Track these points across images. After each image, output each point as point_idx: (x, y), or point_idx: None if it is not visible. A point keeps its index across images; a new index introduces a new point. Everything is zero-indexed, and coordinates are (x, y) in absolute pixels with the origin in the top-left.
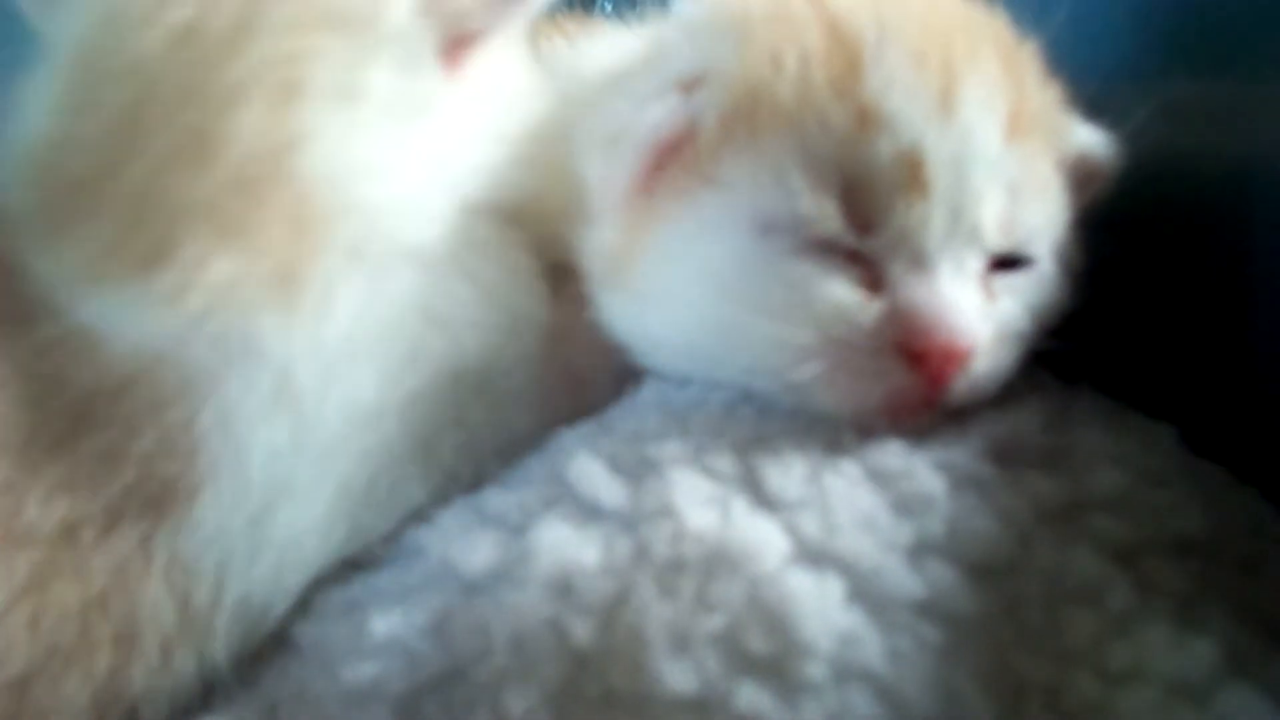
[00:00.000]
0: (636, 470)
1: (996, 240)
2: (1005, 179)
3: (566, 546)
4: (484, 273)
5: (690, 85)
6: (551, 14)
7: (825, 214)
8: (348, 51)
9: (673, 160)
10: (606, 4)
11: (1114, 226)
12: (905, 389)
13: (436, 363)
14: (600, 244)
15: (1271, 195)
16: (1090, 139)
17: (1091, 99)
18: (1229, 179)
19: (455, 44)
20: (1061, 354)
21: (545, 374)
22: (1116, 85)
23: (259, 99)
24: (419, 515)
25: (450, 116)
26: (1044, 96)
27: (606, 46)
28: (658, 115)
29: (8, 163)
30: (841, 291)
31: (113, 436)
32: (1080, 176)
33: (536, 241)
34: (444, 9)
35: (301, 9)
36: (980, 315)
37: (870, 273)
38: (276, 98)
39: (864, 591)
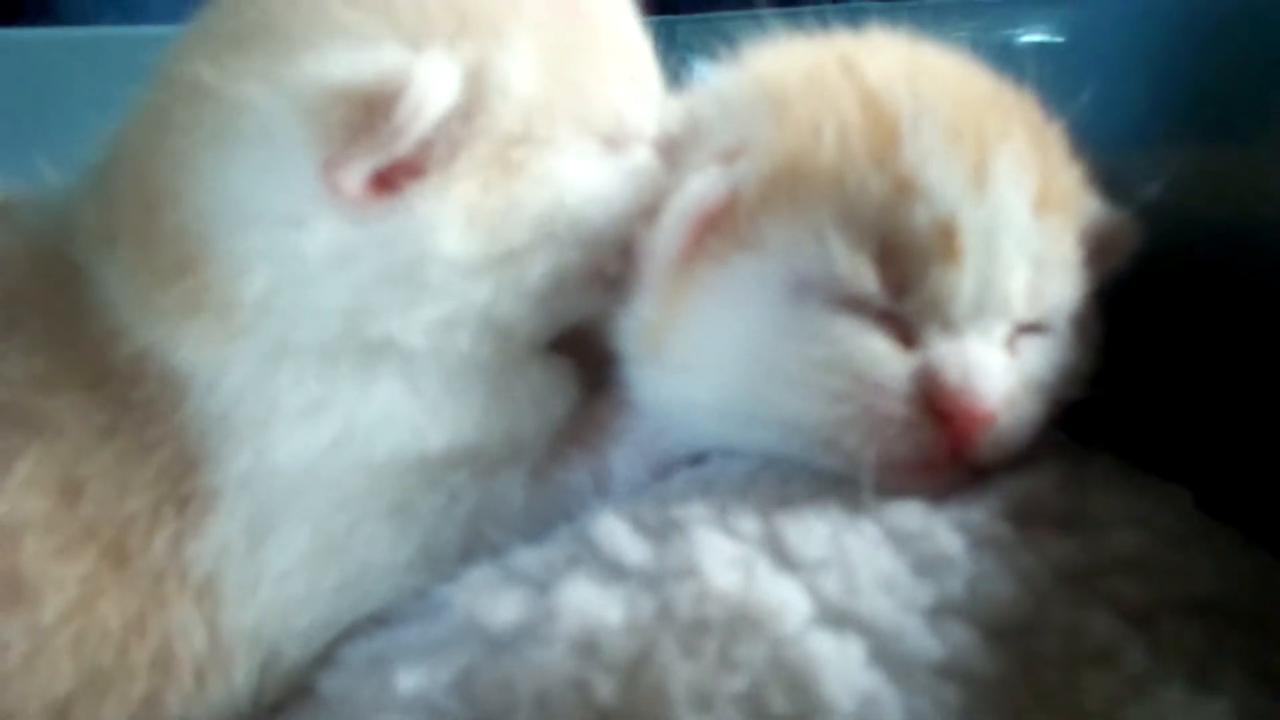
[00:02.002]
0: (661, 530)
1: (1023, 311)
2: (1032, 252)
3: (591, 605)
4: (467, 391)
5: (731, 156)
6: None
7: (862, 275)
8: (208, 131)
9: (711, 230)
10: None
11: (1128, 292)
12: (934, 444)
13: (386, 449)
14: (636, 321)
15: (1274, 254)
16: (1110, 216)
17: (1106, 168)
18: (1239, 242)
19: (343, 161)
20: (1076, 418)
21: (563, 453)
22: (1129, 154)
23: (158, 144)
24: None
25: (333, 238)
26: (1070, 174)
27: None
28: (701, 187)
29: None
30: (876, 345)
31: (150, 434)
32: (1103, 249)
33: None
34: (324, 124)
35: (192, 80)
36: (1005, 373)
37: (903, 331)
38: (168, 150)
39: (884, 652)
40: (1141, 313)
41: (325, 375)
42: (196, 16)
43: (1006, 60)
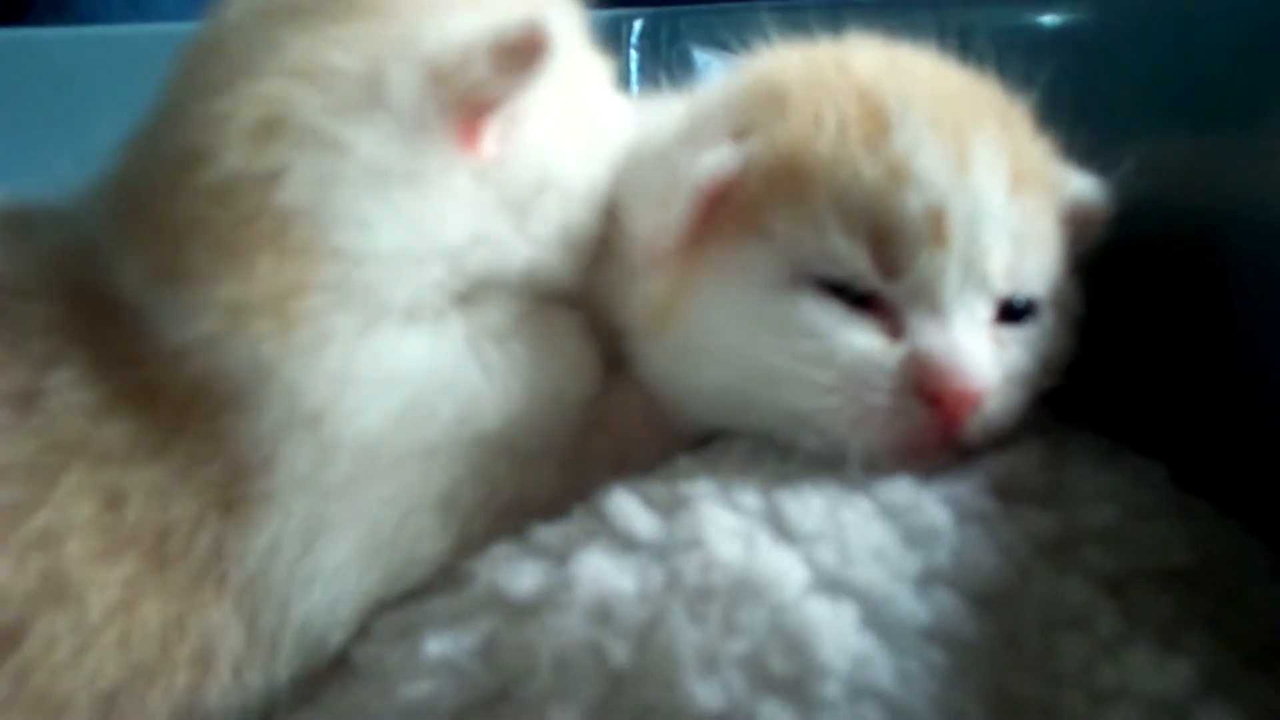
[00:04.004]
0: (669, 505)
1: (1002, 286)
2: (1010, 230)
3: (605, 575)
4: (499, 358)
5: (739, 135)
6: None
7: (856, 258)
8: (330, 106)
9: (720, 211)
10: (629, 78)
11: (1110, 279)
12: (923, 429)
13: (445, 422)
14: (644, 298)
15: (1251, 243)
16: (1082, 185)
17: (1083, 150)
18: (1212, 226)
19: (470, 115)
20: (1061, 396)
21: (586, 440)
22: (1105, 138)
23: (240, 129)
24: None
25: (458, 188)
26: (1038, 150)
27: (638, 118)
28: (711, 162)
29: (101, 209)
30: (865, 339)
31: (193, 444)
32: (1076, 222)
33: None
34: (455, 82)
35: (297, 60)
36: (991, 361)
37: (891, 322)
38: (257, 131)
39: (876, 617)
40: (1126, 297)
41: (400, 345)
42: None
43: (1003, 47)
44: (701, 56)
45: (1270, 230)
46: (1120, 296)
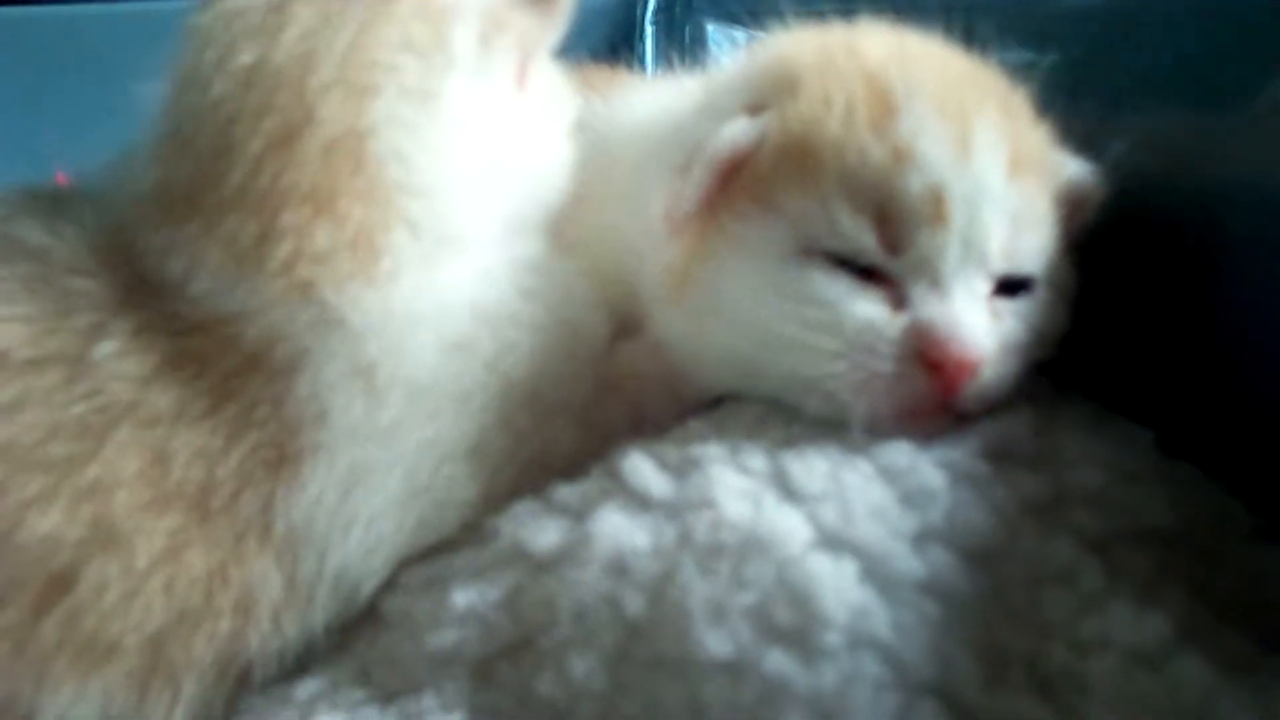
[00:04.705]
0: (681, 467)
1: (999, 263)
2: (1008, 211)
3: (621, 532)
4: (536, 285)
5: (755, 110)
6: (580, 65)
7: (861, 234)
8: (418, 67)
9: (734, 185)
10: (644, 52)
11: (1107, 253)
12: (922, 394)
13: (484, 359)
14: (661, 265)
15: (1240, 220)
16: (1077, 169)
17: (1080, 132)
18: (1206, 202)
19: (522, 58)
20: (1059, 366)
21: (603, 399)
22: (1101, 119)
23: (337, 97)
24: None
25: (513, 122)
26: (1038, 136)
27: (655, 95)
28: (730, 134)
29: (138, 190)
30: (870, 309)
31: (242, 408)
32: (1071, 204)
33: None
34: (509, 34)
35: (373, 39)
36: (987, 332)
37: (894, 293)
38: (353, 95)
39: (874, 572)
40: (1122, 271)
41: (454, 275)
42: None
43: (1005, 27)
44: (715, 31)
45: (1263, 206)
46: (1117, 270)
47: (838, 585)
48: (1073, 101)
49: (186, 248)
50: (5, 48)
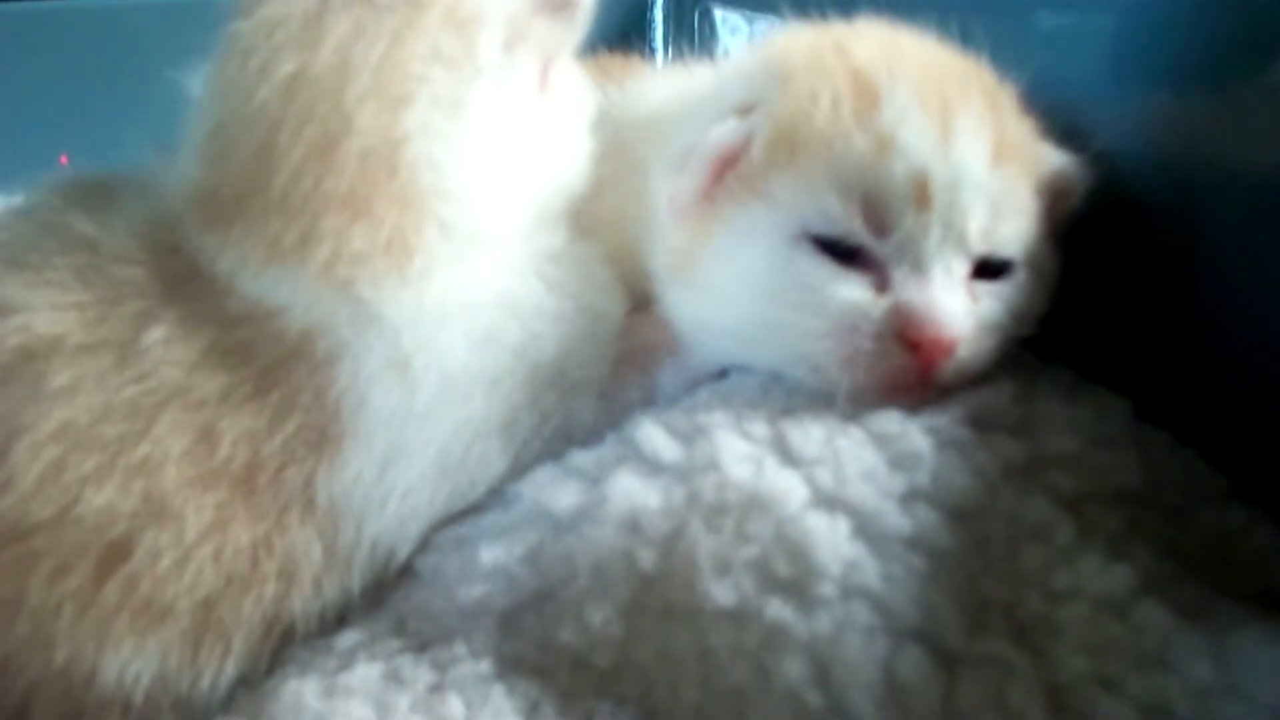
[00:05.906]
0: (689, 434)
1: (979, 246)
2: (989, 197)
3: (635, 493)
4: (559, 275)
5: (745, 111)
6: (595, 53)
7: (849, 217)
8: (447, 77)
9: (730, 173)
10: (654, 38)
11: (1087, 234)
12: (903, 370)
13: (512, 347)
14: (668, 247)
15: (1214, 200)
16: (1061, 161)
17: (1063, 119)
18: (1183, 181)
19: (544, 63)
20: (1043, 340)
21: (619, 370)
22: (1085, 105)
23: (373, 108)
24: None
25: (539, 126)
26: (1022, 128)
27: (665, 85)
28: (720, 134)
29: (183, 190)
30: (855, 291)
31: (286, 394)
32: (1055, 194)
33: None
34: (532, 40)
35: (405, 52)
36: (964, 313)
37: (879, 276)
38: (388, 106)
39: (865, 529)
40: (1102, 250)
41: (482, 271)
42: None
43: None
44: (723, 16)
45: (1240, 187)
46: (1097, 250)
47: (832, 540)
48: (1049, 84)
49: (233, 247)
50: (8, 41)
